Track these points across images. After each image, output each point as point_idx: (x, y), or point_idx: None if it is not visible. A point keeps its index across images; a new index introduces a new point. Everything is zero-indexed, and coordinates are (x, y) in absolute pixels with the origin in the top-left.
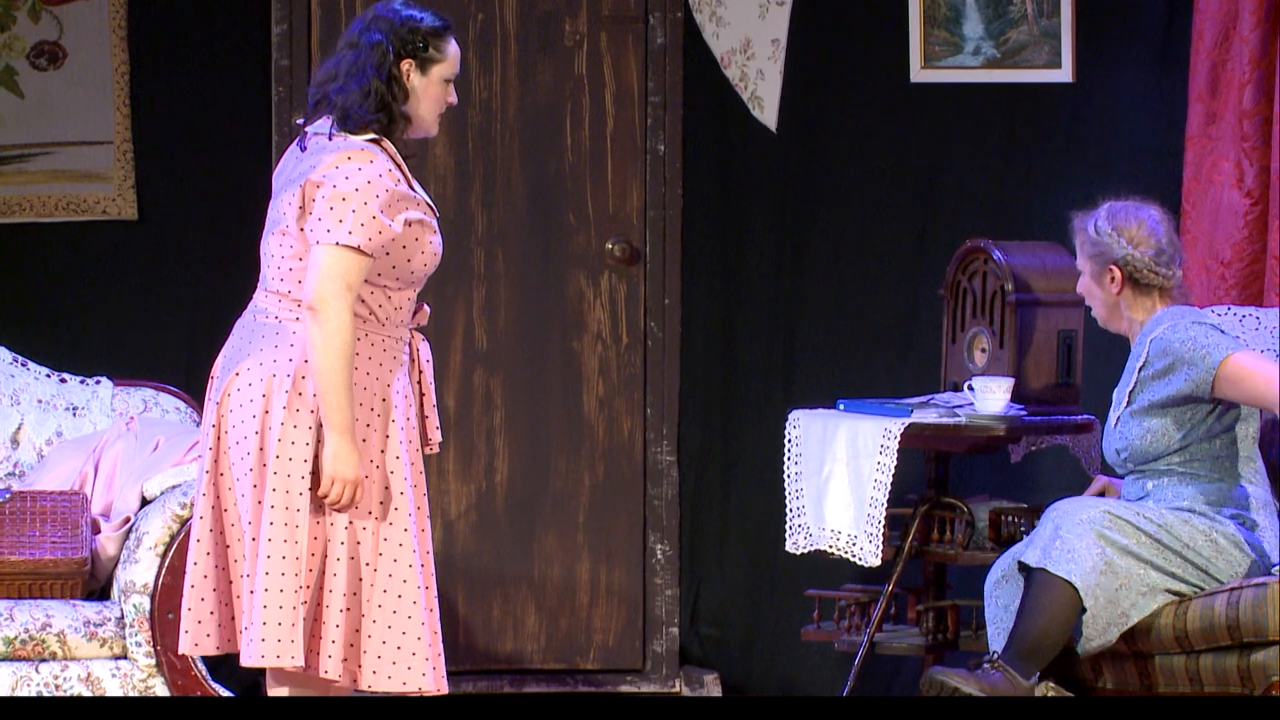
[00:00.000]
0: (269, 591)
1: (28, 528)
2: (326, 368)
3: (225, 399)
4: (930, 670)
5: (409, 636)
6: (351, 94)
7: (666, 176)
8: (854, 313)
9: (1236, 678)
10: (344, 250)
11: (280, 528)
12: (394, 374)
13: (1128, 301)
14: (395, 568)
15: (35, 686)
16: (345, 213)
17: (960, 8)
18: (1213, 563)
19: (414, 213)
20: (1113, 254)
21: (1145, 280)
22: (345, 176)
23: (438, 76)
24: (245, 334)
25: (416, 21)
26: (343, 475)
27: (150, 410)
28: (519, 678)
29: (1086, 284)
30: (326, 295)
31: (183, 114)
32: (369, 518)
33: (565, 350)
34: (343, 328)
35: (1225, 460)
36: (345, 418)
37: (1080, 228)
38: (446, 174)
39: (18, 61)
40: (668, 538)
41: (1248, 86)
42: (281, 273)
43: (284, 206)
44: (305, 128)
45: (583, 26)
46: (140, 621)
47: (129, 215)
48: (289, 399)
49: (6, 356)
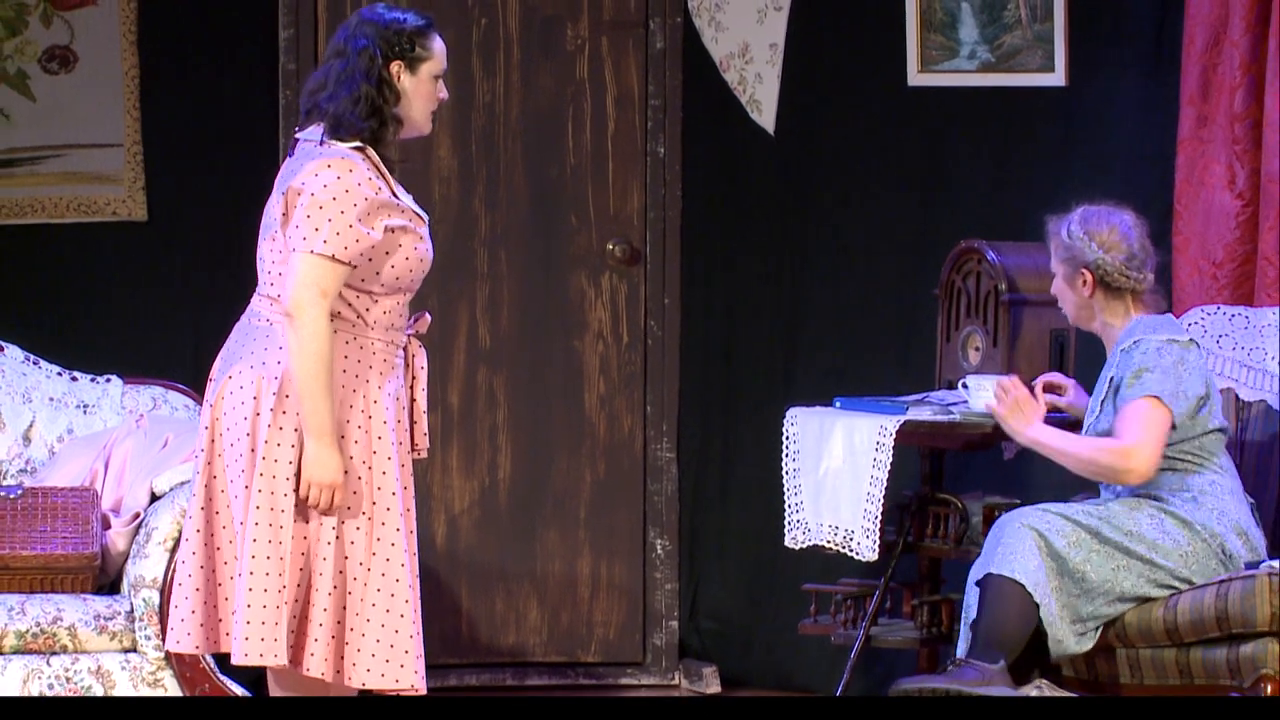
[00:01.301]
0: (253, 591)
1: (39, 523)
2: (303, 373)
3: (219, 401)
4: (897, 683)
5: (401, 636)
6: (342, 101)
7: (666, 178)
8: (850, 312)
9: (1226, 670)
10: (318, 258)
11: (265, 528)
12: (384, 377)
13: (1100, 304)
14: (388, 567)
15: (46, 679)
16: (321, 221)
17: (956, 13)
18: (1157, 547)
19: (395, 219)
20: (1085, 258)
21: (1116, 284)
22: (324, 185)
23: (427, 74)
24: (240, 337)
25: (401, 23)
26: (319, 479)
27: (159, 408)
28: (521, 670)
29: (1059, 286)
30: (302, 302)
31: (191, 117)
32: (360, 518)
33: (567, 349)
34: (318, 334)
35: (1191, 457)
36: (323, 422)
37: (1054, 231)
38: (450, 176)
39: (29, 65)
40: (667, 533)
41: (1238, 90)
42: (271, 277)
43: (273, 212)
44: (297, 135)
45: (584, 31)
46: (149, 615)
47: (139, 216)
48: (275, 402)
49: (18, 355)
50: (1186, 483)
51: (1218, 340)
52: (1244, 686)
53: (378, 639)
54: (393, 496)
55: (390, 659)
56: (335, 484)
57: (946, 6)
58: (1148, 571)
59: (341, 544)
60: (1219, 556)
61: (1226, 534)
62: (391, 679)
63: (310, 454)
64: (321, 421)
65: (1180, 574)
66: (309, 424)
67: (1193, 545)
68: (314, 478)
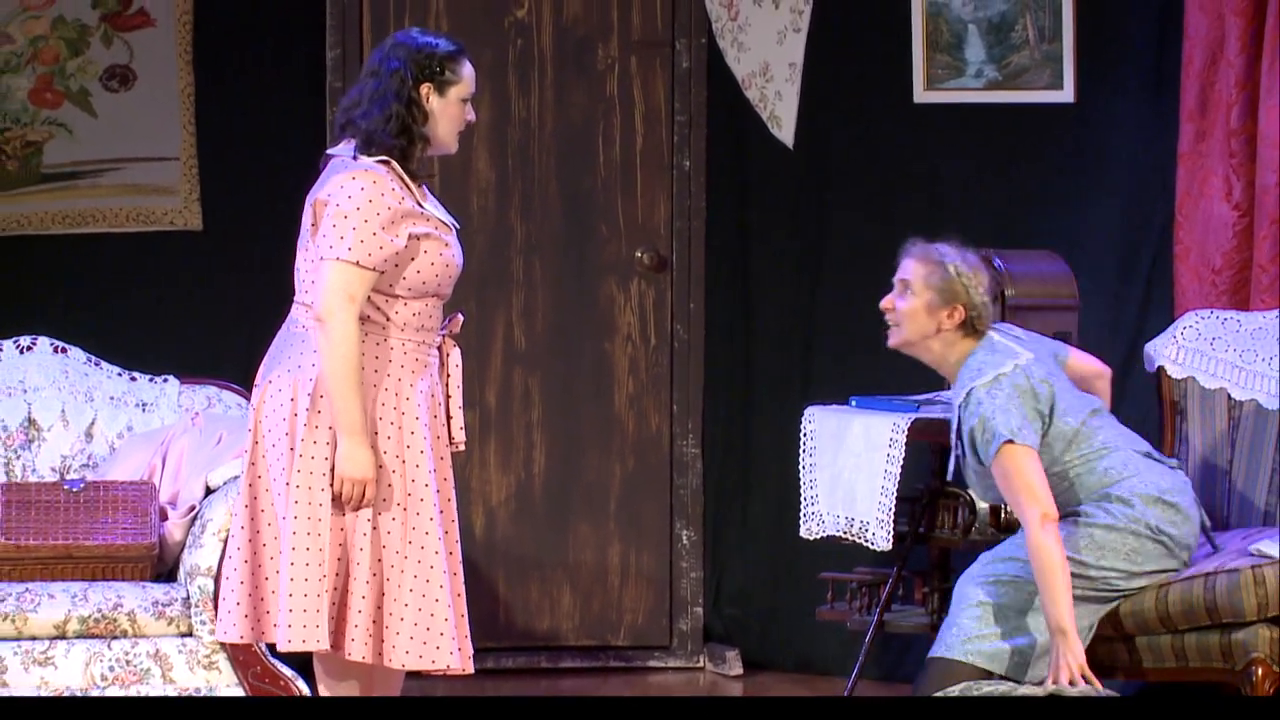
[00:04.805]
0: (295, 581)
1: (100, 515)
2: (333, 374)
3: (261, 405)
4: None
5: (436, 619)
6: (375, 119)
7: (691, 190)
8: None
9: (1219, 654)
10: (345, 265)
11: (304, 522)
12: (416, 375)
13: (950, 338)
14: (423, 555)
15: (108, 661)
16: (346, 230)
17: (963, 34)
18: (1101, 561)
19: (419, 227)
20: (965, 297)
21: (979, 328)
22: (349, 195)
23: (455, 97)
24: (279, 343)
25: (433, 47)
26: (351, 475)
27: (214, 406)
28: (555, 654)
29: (913, 306)
30: (332, 307)
31: (244, 132)
32: (394, 509)
33: (598, 351)
34: (347, 337)
35: (1080, 461)
36: (354, 420)
37: (934, 259)
38: (488, 188)
39: (91, 83)
40: (693, 524)
41: (1234, 107)
42: (305, 285)
43: (305, 224)
44: (329, 151)
45: (614, 51)
46: (204, 602)
47: (194, 226)
48: (310, 403)
49: (81, 356)
50: (1089, 486)
51: (1211, 343)
52: (1236, 669)
53: (415, 622)
54: (426, 488)
55: (427, 640)
56: (367, 479)
57: (953, 28)
58: (1097, 585)
59: (377, 534)
60: (1153, 537)
61: (1146, 513)
62: (428, 659)
63: (342, 451)
64: (352, 420)
65: (1137, 569)
66: (340, 422)
67: (1135, 543)
68: (346, 473)
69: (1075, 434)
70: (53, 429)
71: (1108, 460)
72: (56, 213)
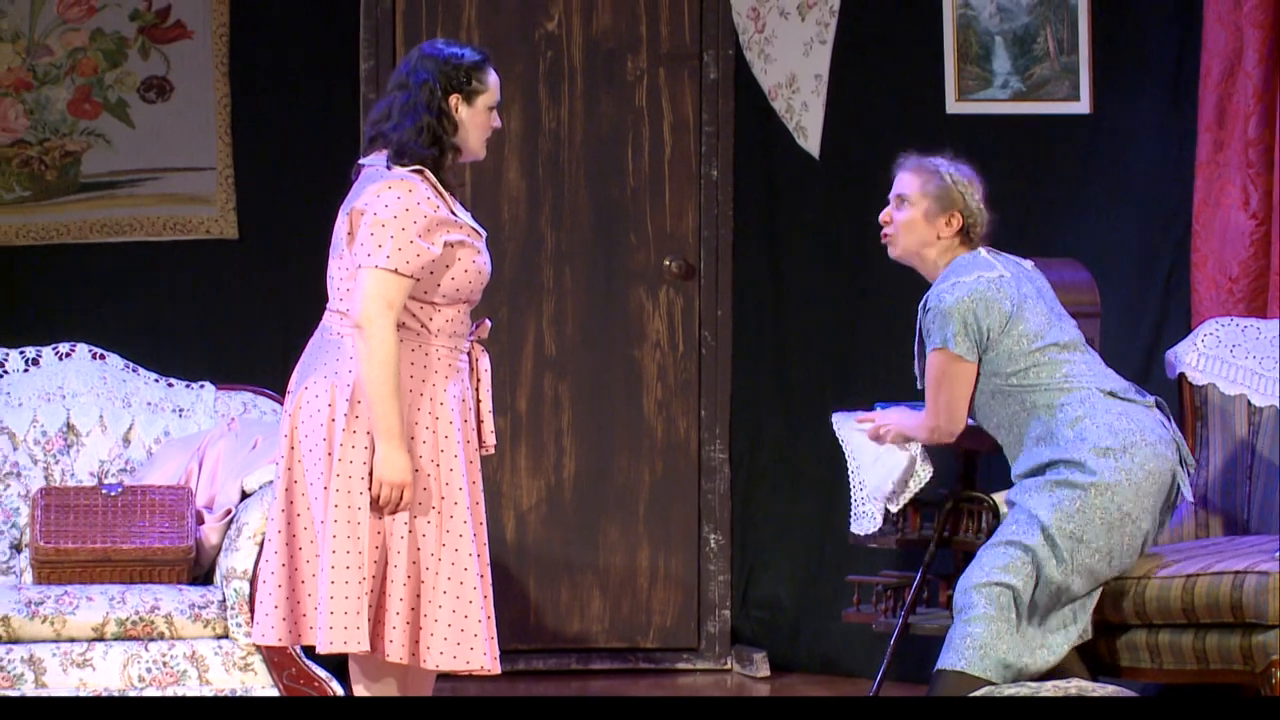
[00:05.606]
0: (334, 584)
1: (138, 519)
2: (372, 380)
3: (297, 410)
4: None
5: (470, 620)
6: (406, 131)
7: (719, 199)
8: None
9: (1239, 656)
10: (384, 273)
11: (344, 525)
12: (449, 380)
13: (947, 245)
14: (457, 557)
15: (145, 663)
16: (384, 238)
17: (990, 46)
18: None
19: (454, 235)
20: (962, 203)
21: (975, 235)
22: (385, 205)
23: (482, 106)
24: (314, 350)
25: (459, 58)
26: (389, 479)
27: (249, 412)
28: (585, 655)
29: (912, 216)
30: (371, 314)
31: (279, 142)
32: (430, 513)
33: (627, 357)
34: (386, 343)
35: (1038, 386)
36: (391, 425)
37: (929, 169)
38: (519, 197)
39: (129, 95)
40: (720, 528)
41: (1252, 118)
42: (340, 293)
43: (339, 233)
44: (360, 161)
45: (643, 63)
46: (240, 604)
47: (230, 235)
48: (348, 409)
49: (119, 363)
50: (1053, 430)
51: (1231, 349)
52: (1257, 671)
53: (449, 624)
54: (460, 491)
55: (461, 641)
56: (405, 483)
57: (982, 40)
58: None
59: (414, 537)
60: (1117, 517)
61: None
62: (463, 660)
63: (380, 455)
64: (390, 425)
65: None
66: (378, 427)
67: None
68: (384, 477)
69: (1031, 357)
70: (91, 434)
71: (1066, 397)
72: (95, 222)
